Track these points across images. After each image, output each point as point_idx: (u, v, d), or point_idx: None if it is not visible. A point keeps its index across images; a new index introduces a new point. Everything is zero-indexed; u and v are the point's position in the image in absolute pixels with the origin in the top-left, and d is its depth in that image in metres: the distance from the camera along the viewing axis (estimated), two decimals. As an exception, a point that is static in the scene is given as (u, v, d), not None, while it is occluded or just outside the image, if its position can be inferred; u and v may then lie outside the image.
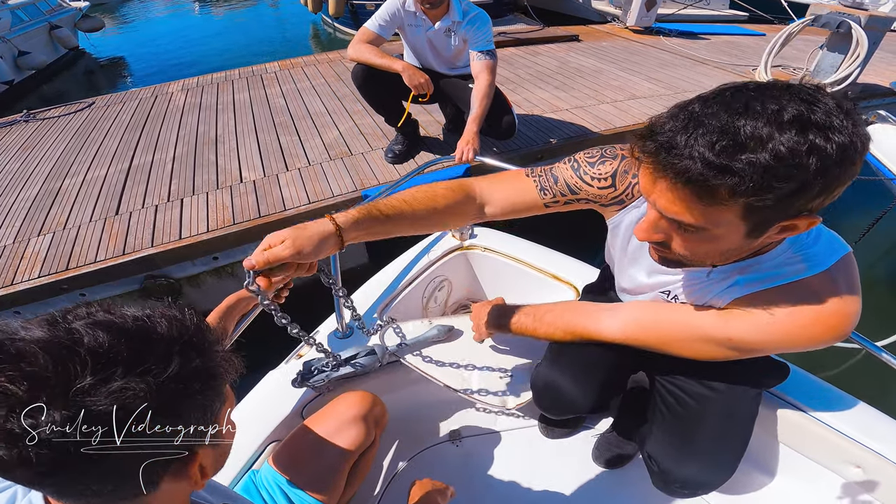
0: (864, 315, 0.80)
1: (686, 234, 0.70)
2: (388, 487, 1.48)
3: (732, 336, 0.84)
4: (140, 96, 4.58)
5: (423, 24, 2.64)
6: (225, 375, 0.54)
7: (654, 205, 0.69)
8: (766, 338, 0.81)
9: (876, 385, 2.20)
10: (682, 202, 0.64)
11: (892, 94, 3.54)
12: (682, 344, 0.94)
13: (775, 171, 0.57)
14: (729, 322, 0.85)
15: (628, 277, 1.08)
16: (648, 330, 0.97)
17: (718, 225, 0.66)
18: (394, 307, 1.69)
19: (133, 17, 14.28)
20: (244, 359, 0.59)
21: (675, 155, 0.61)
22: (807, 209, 0.63)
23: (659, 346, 0.96)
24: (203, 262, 2.59)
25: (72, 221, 2.73)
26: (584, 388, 1.22)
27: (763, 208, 0.61)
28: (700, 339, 0.90)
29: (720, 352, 0.89)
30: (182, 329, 0.49)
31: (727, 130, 0.58)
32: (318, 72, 4.81)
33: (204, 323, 0.54)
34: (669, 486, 1.21)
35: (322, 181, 2.89)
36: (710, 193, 0.60)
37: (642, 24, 6.08)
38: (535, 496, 1.46)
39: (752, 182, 0.57)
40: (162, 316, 0.49)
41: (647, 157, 0.65)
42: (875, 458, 1.17)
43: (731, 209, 0.62)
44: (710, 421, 1.14)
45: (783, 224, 0.65)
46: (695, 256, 0.75)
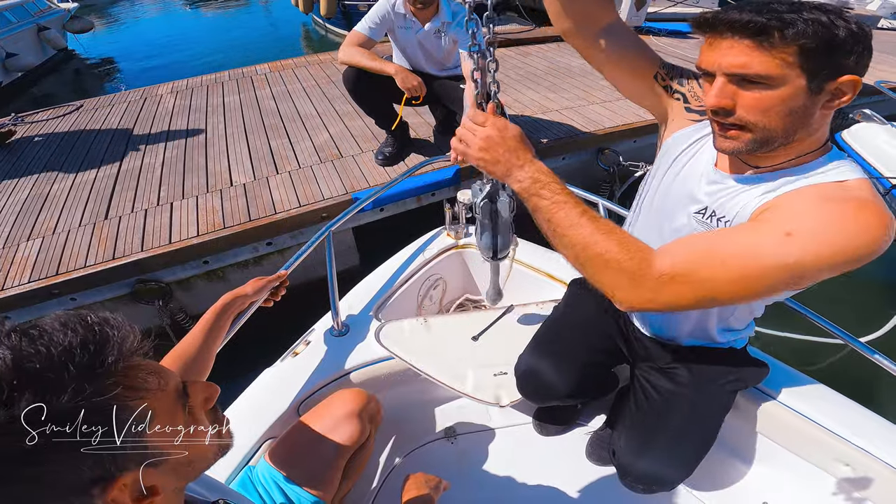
0: (848, 312, 0.82)
1: (751, 91, 0.75)
2: (384, 484, 1.50)
3: (790, 228, 0.74)
4: (129, 99, 4.56)
5: (413, 26, 2.66)
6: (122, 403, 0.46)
7: (718, 69, 0.77)
8: (822, 222, 0.74)
9: (862, 382, 2.24)
10: (744, 53, 0.73)
11: (877, 93, 3.57)
12: (735, 260, 0.75)
13: (816, 23, 0.70)
14: (777, 212, 0.79)
15: (673, 196, 1.01)
16: (697, 256, 0.78)
17: (782, 74, 0.73)
18: (389, 306, 1.71)
19: (122, 18, 14.18)
20: (240, 357, 0.56)
21: (735, 16, 0.73)
22: (848, 66, 0.73)
23: (718, 274, 0.76)
24: (193, 265, 2.59)
25: (61, 226, 2.72)
26: (562, 373, 1.29)
27: (815, 53, 0.71)
28: (751, 245, 0.76)
29: (776, 260, 0.73)
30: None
31: (768, 8, 0.73)
32: (309, 73, 4.80)
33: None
34: (626, 480, 1.24)
35: (312, 184, 2.90)
36: (768, 36, 0.71)
37: (632, 23, 6.09)
38: (529, 493, 1.48)
39: (801, 25, 0.70)
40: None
41: (710, 23, 0.76)
42: (863, 456, 1.18)
43: (787, 52, 0.71)
44: (672, 417, 1.17)
45: (835, 84, 0.73)
46: (763, 117, 0.76)
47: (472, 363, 1.45)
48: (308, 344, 1.53)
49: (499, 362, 1.45)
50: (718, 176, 0.92)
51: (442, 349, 1.50)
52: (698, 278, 0.76)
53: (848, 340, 1.26)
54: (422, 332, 1.55)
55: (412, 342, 1.51)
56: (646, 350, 1.27)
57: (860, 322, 2.21)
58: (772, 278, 0.74)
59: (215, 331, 1.07)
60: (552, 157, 3.31)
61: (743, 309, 1.08)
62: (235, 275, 2.71)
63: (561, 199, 0.80)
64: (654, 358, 1.24)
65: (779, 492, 1.39)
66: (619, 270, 0.77)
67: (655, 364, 1.24)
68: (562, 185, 0.82)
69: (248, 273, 2.73)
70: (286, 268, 1.41)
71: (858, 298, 2.85)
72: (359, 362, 1.48)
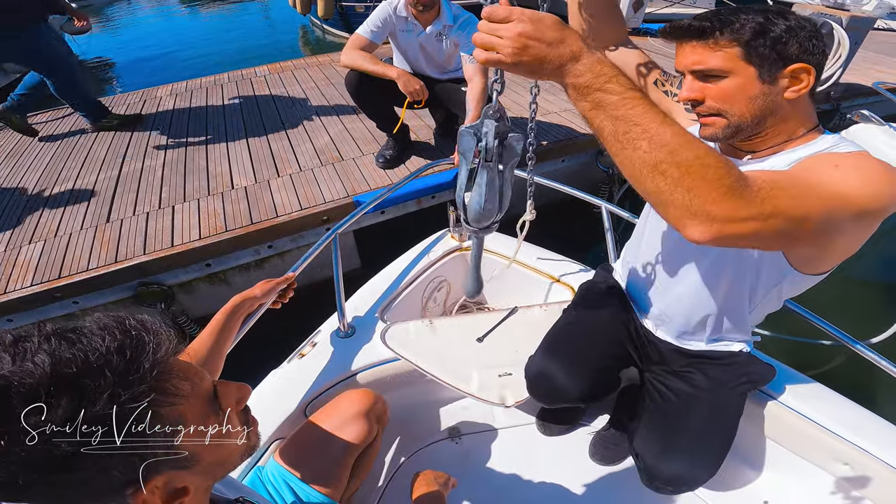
0: (848, 314, 0.85)
1: (712, 83, 0.89)
2: (390, 483, 1.52)
3: (834, 161, 0.77)
4: (128, 101, 4.56)
5: (414, 29, 2.67)
6: (162, 407, 0.47)
7: (685, 69, 0.92)
8: (853, 165, 0.76)
9: (862, 383, 2.25)
10: (697, 52, 0.88)
11: (874, 94, 3.60)
12: (807, 186, 0.72)
13: (757, 24, 0.83)
14: (819, 163, 0.79)
15: None
16: (776, 178, 0.72)
17: (728, 65, 0.86)
18: (394, 308, 1.72)
19: (120, 19, 14.14)
20: (248, 359, 0.56)
21: (682, 24, 0.89)
22: (793, 54, 0.83)
23: (798, 195, 0.70)
24: (195, 268, 2.59)
25: (63, 229, 2.72)
26: (574, 377, 1.31)
27: (756, 48, 0.83)
28: (809, 173, 0.75)
29: (840, 185, 0.73)
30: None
31: (715, 14, 0.87)
32: (309, 76, 4.81)
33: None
34: (654, 483, 1.26)
35: (314, 187, 2.90)
36: (710, 36, 0.85)
37: (630, 24, 6.11)
38: (532, 492, 1.49)
39: (738, 24, 0.83)
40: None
41: (669, 33, 0.92)
42: (863, 456, 1.20)
43: (732, 48, 0.85)
44: (692, 419, 1.19)
45: (787, 70, 0.84)
46: (731, 105, 0.88)
47: (477, 364, 1.47)
48: (314, 345, 1.55)
49: (503, 363, 1.47)
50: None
51: (447, 350, 1.52)
52: (790, 196, 0.69)
53: (848, 342, 1.28)
54: (427, 334, 1.57)
55: (417, 343, 1.53)
56: (659, 354, 1.28)
57: (862, 325, 2.22)
58: (846, 201, 0.72)
59: (226, 332, 1.09)
60: (551, 159, 3.33)
61: (763, 306, 1.11)
62: (237, 278, 2.72)
63: (635, 94, 0.65)
64: (669, 362, 1.26)
65: (780, 491, 1.41)
66: (718, 179, 0.63)
67: (670, 367, 1.26)
68: (629, 78, 0.68)
69: (249, 276, 2.73)
70: (294, 270, 1.43)
71: (859, 301, 2.88)
72: (365, 363, 1.50)
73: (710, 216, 0.63)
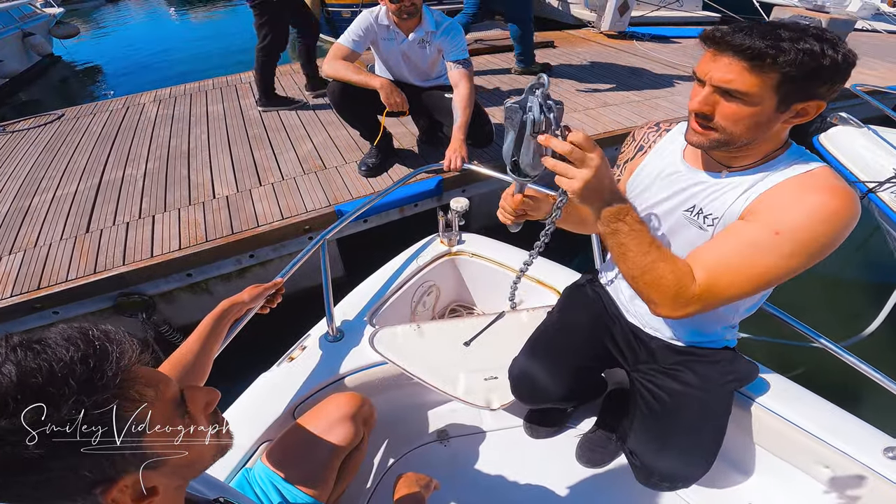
0: (828, 317, 0.87)
1: (729, 103, 0.88)
2: (378, 485, 1.53)
3: (777, 227, 0.89)
4: (111, 108, 4.52)
5: (396, 37, 2.67)
6: (124, 408, 0.49)
7: (709, 80, 0.89)
8: (802, 214, 0.88)
9: (839, 384, 2.28)
10: (737, 71, 0.85)
11: (854, 97, 3.63)
12: (744, 264, 0.92)
13: (806, 53, 0.80)
14: (762, 216, 0.93)
15: (656, 199, 1.14)
16: (717, 268, 0.94)
17: (759, 93, 0.85)
18: (383, 312, 1.73)
19: (109, 23, 14.07)
20: (237, 362, 0.59)
21: (739, 38, 0.83)
22: (818, 93, 0.85)
23: (735, 279, 0.93)
24: (176, 278, 2.57)
25: (42, 239, 2.69)
26: (556, 377, 1.34)
27: (792, 81, 0.83)
28: (751, 248, 0.92)
29: (770, 257, 0.90)
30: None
31: (773, 34, 0.82)
32: (294, 82, 4.80)
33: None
34: (650, 480, 1.27)
35: (295, 196, 2.89)
36: (760, 62, 0.82)
37: (616, 28, 6.16)
38: (520, 494, 1.50)
39: (792, 55, 0.80)
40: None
41: (715, 41, 0.87)
42: (842, 458, 1.22)
43: (771, 78, 0.83)
44: (686, 416, 1.21)
45: (801, 106, 0.87)
46: (735, 125, 0.90)
47: (463, 368, 1.48)
48: (304, 349, 1.56)
49: (490, 367, 1.48)
50: (685, 167, 1.08)
51: (434, 354, 1.53)
52: (720, 288, 0.94)
53: (825, 344, 1.29)
54: (415, 338, 1.57)
55: (405, 347, 1.53)
56: (649, 352, 1.31)
57: (841, 328, 2.25)
58: (775, 272, 0.91)
59: (213, 337, 1.10)
60: (536, 165, 3.33)
61: (747, 302, 1.15)
62: (219, 287, 2.70)
63: (639, 228, 0.95)
64: (658, 359, 1.29)
65: (763, 493, 1.42)
66: (668, 290, 0.95)
67: (659, 366, 1.28)
68: (638, 216, 0.97)
69: (231, 285, 2.72)
70: (282, 275, 1.43)
71: (838, 304, 2.91)
72: (353, 367, 1.51)
73: (663, 310, 0.98)
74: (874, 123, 3.18)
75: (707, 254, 0.97)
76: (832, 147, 3.17)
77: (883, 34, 7.02)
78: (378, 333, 1.57)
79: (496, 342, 1.58)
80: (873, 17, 7.37)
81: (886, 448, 1.20)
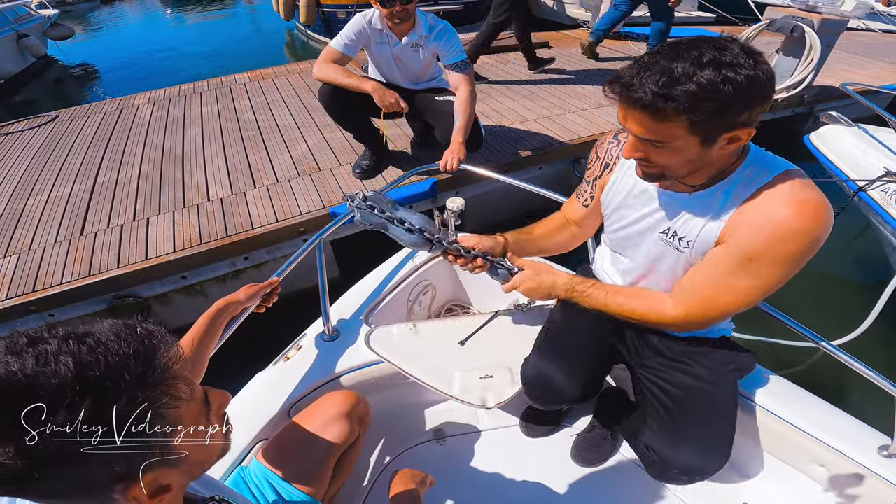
0: (821, 315, 0.88)
1: (656, 149, 0.92)
2: (375, 484, 1.53)
3: (749, 253, 0.95)
4: (105, 109, 4.51)
5: (389, 41, 2.66)
6: (167, 410, 0.50)
7: (629, 131, 0.93)
8: (772, 237, 0.91)
9: (833, 382, 2.29)
10: (643, 124, 0.88)
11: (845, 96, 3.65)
12: (718, 290, 1.02)
13: (701, 95, 0.80)
14: (733, 243, 0.98)
15: (630, 219, 1.20)
16: (693, 296, 1.06)
17: (675, 138, 0.88)
18: (379, 311, 1.74)
19: (104, 24, 14.03)
20: (233, 361, 0.59)
21: (632, 90, 0.85)
22: (739, 122, 0.85)
23: (710, 304, 1.04)
24: (171, 280, 2.57)
25: (37, 242, 2.69)
26: (572, 377, 1.34)
27: (703, 122, 0.83)
28: (726, 273, 0.99)
29: (748, 280, 0.98)
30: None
31: (665, 71, 0.82)
32: (289, 83, 4.80)
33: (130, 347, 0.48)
34: (668, 474, 1.26)
35: (290, 198, 2.89)
36: (659, 114, 0.84)
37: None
38: (516, 493, 1.51)
39: (687, 103, 0.81)
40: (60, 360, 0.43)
41: (615, 96, 0.90)
42: (836, 456, 1.22)
43: (679, 124, 0.85)
44: (700, 409, 1.21)
45: (728, 135, 0.87)
46: (670, 165, 0.94)
47: (459, 367, 1.48)
48: (300, 348, 1.56)
49: (485, 366, 1.48)
50: (652, 185, 1.11)
51: (430, 353, 1.53)
52: (704, 311, 1.05)
53: (819, 343, 1.29)
54: (411, 337, 1.58)
55: (401, 346, 1.54)
56: (651, 345, 1.31)
57: (834, 325, 2.26)
58: (755, 294, 0.99)
59: (208, 336, 1.11)
60: (528, 167, 3.33)
61: None
62: (214, 289, 2.70)
63: (590, 292, 1.18)
64: (662, 350, 1.29)
65: (757, 491, 1.43)
66: (650, 320, 1.12)
67: (665, 358, 1.28)
68: (585, 281, 1.21)
69: (226, 287, 2.72)
70: (278, 275, 1.44)
71: (831, 302, 2.92)
72: (349, 366, 1.51)
73: (663, 329, 1.18)
74: (867, 123, 3.18)
75: (689, 283, 1.07)
76: (823, 146, 3.18)
77: (878, 33, 7.05)
78: (374, 333, 1.57)
79: (492, 341, 1.58)
80: (868, 16, 7.37)
81: (881, 446, 1.21)
